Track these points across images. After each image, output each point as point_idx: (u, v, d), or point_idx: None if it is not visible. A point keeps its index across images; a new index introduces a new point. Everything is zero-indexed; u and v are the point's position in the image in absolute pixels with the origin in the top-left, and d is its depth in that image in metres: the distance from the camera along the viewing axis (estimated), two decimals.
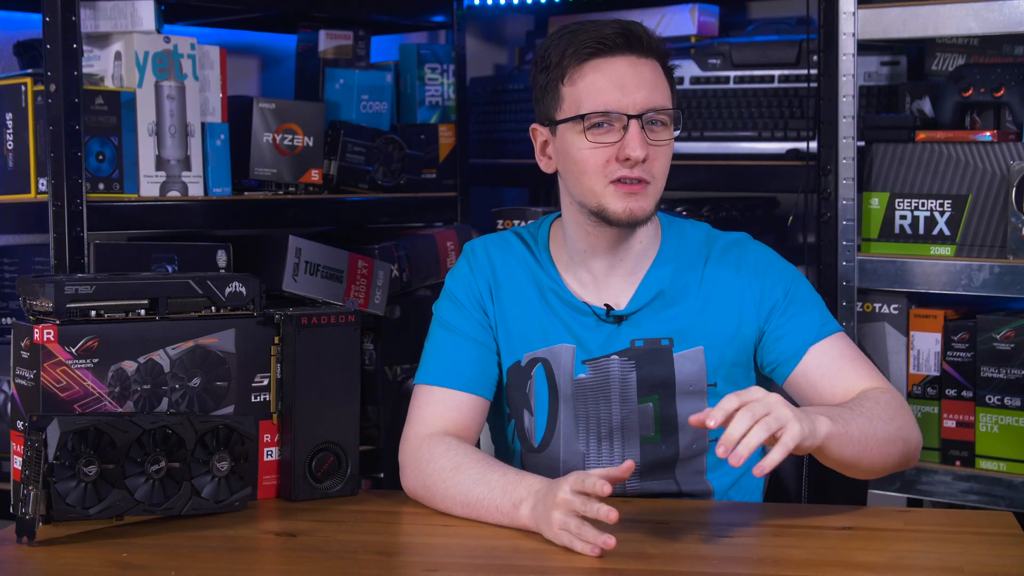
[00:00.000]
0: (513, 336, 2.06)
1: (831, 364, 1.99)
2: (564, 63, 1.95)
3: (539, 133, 2.03)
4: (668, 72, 1.99)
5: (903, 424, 1.91)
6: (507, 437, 2.10)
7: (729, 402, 1.73)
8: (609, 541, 1.72)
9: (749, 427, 1.70)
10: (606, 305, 2.02)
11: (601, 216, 1.96)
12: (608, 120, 1.92)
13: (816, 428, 1.77)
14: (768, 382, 2.07)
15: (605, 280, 2.04)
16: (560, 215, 2.10)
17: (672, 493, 2.04)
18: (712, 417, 1.72)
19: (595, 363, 2.03)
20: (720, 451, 1.69)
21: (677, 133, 1.97)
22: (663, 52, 1.98)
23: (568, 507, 1.75)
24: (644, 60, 1.95)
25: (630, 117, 1.92)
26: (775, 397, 1.74)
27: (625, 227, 1.98)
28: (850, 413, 1.85)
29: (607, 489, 1.73)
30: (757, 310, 2.02)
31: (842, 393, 1.96)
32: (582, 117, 1.93)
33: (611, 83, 1.93)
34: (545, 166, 2.04)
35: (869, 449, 1.85)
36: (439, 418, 2.01)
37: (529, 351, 2.05)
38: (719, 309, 2.02)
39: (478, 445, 2.07)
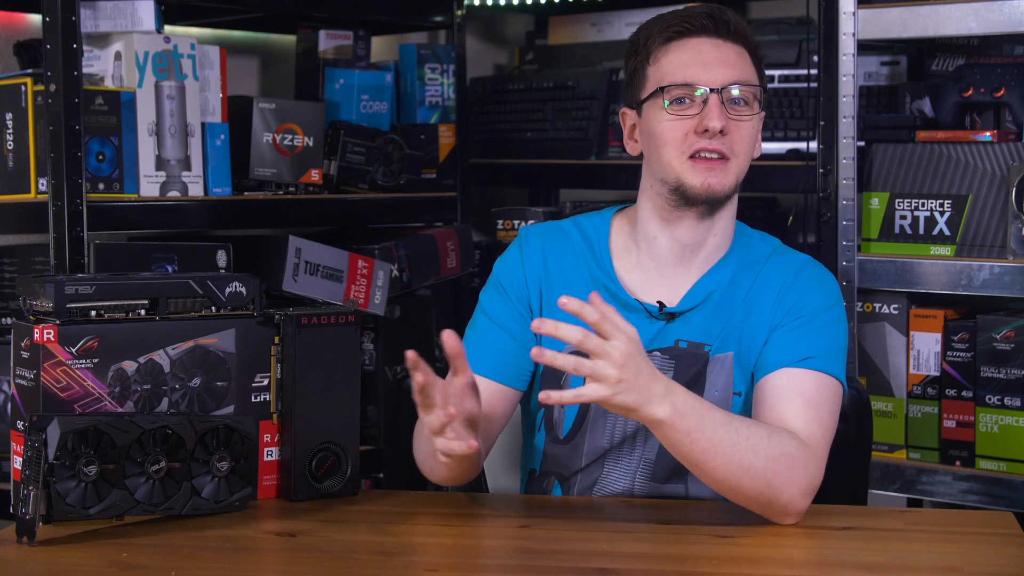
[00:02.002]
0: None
1: (786, 392, 1.93)
2: (650, 44, 2.01)
3: (628, 116, 2.07)
4: (756, 59, 2.02)
5: (781, 471, 1.82)
6: (534, 425, 2.11)
7: (592, 316, 1.70)
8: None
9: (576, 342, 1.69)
10: (659, 302, 2.02)
11: (680, 193, 1.98)
12: (689, 95, 1.96)
13: (647, 409, 1.74)
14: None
15: (667, 270, 2.04)
16: (623, 208, 2.11)
17: (679, 496, 2.04)
18: (565, 305, 1.69)
19: None
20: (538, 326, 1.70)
21: (761, 115, 2.00)
22: (750, 40, 2.02)
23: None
24: (729, 43, 1.99)
25: (711, 91, 1.95)
26: (629, 354, 1.70)
27: (703, 204, 1.98)
28: (719, 418, 1.80)
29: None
30: (779, 324, 2.00)
31: (771, 421, 1.91)
32: (662, 90, 1.97)
33: (693, 59, 1.97)
34: (631, 149, 2.07)
35: (712, 463, 1.79)
36: None
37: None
38: (756, 320, 2.01)
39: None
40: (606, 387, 1.70)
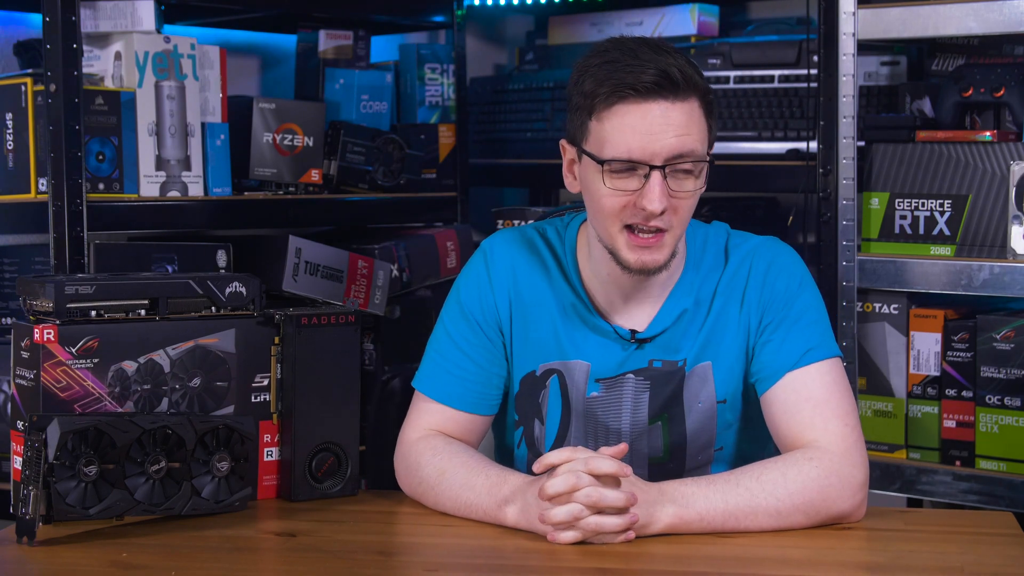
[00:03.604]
0: (530, 346, 2.03)
1: (794, 403, 1.91)
2: (595, 99, 1.85)
3: (567, 151, 1.95)
4: (707, 109, 1.88)
5: (813, 498, 1.83)
6: (512, 442, 2.09)
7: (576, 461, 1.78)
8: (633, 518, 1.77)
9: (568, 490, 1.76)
10: (631, 330, 1.99)
11: (614, 258, 1.92)
12: (631, 167, 1.85)
13: (653, 528, 1.79)
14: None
15: (631, 298, 1.99)
16: (586, 219, 2.04)
17: None
18: (540, 462, 1.80)
19: (609, 381, 2.00)
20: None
21: (702, 186, 1.89)
22: (702, 89, 1.87)
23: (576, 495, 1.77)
24: (680, 103, 1.84)
25: (652, 167, 1.83)
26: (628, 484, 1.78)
27: (637, 275, 1.93)
28: (724, 487, 1.82)
29: (626, 469, 1.77)
30: (758, 324, 1.97)
31: (790, 440, 1.90)
32: (603, 162, 1.86)
33: (637, 130, 1.83)
34: (570, 185, 1.96)
35: (742, 522, 1.81)
36: (434, 427, 2.02)
37: (545, 362, 2.02)
38: (728, 325, 1.99)
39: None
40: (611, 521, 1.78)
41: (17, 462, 1.90)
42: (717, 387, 1.99)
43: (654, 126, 1.83)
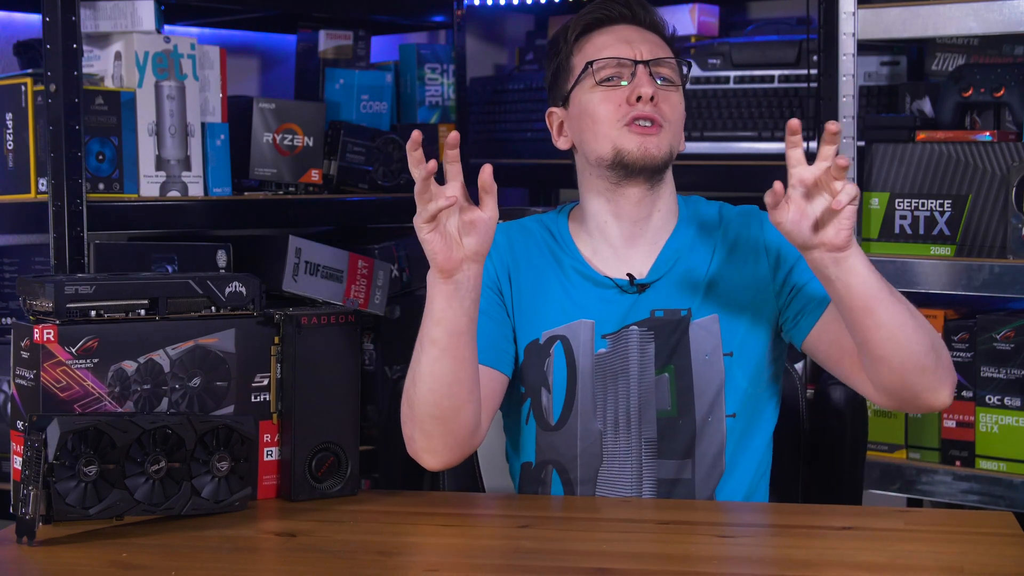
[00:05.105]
0: (531, 315, 2.07)
1: None
2: (571, 37, 2.07)
3: (555, 115, 2.12)
4: (674, 51, 2.08)
5: (935, 339, 1.87)
6: (521, 418, 2.10)
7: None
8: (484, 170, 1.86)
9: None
10: (628, 275, 2.04)
11: (618, 164, 2.00)
12: (617, 72, 2.02)
13: (852, 240, 1.82)
14: (782, 355, 2.08)
15: (625, 251, 2.06)
16: (574, 205, 2.14)
17: (686, 477, 2.03)
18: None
19: (615, 336, 2.03)
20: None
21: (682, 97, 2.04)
22: (666, 35, 2.09)
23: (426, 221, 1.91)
24: (647, 31, 2.06)
25: (636, 63, 2.01)
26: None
27: (641, 173, 2.01)
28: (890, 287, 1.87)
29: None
30: (775, 270, 2.03)
31: None
32: (591, 64, 2.01)
33: (616, 40, 2.04)
34: (562, 144, 2.12)
35: (888, 299, 1.84)
36: None
37: (547, 329, 2.06)
38: (734, 276, 2.04)
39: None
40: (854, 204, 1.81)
41: (17, 462, 1.90)
42: (724, 339, 2.02)
43: (630, 37, 2.05)
